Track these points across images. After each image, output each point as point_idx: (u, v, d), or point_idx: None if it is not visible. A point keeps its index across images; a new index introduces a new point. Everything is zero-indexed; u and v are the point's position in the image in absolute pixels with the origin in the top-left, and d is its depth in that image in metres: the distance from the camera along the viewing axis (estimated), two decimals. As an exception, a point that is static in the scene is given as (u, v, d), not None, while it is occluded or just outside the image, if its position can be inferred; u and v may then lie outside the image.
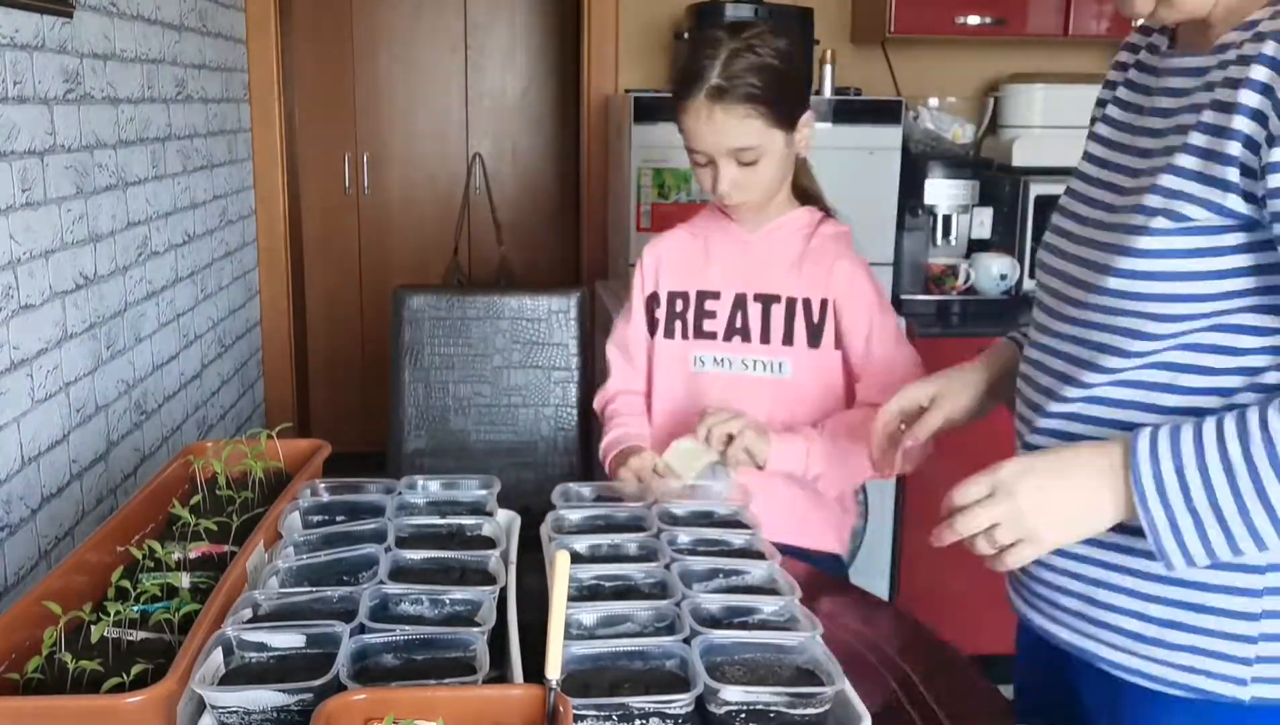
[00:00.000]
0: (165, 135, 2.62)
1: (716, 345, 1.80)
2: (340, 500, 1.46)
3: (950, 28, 3.08)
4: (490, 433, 2.44)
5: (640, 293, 1.89)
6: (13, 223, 1.85)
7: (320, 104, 4.26)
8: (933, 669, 1.28)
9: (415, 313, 2.44)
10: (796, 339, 1.76)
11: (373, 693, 0.98)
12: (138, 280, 2.44)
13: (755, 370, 1.77)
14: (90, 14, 2.19)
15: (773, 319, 1.76)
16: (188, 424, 2.79)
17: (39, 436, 1.95)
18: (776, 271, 1.77)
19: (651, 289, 1.88)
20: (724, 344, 1.79)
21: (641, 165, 2.91)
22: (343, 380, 4.39)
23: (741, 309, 1.78)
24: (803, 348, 1.76)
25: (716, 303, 1.80)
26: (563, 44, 4.33)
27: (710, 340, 1.80)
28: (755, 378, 1.77)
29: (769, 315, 1.77)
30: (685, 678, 1.05)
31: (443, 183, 4.39)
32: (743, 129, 1.63)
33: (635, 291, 1.90)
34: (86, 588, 1.20)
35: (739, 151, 1.65)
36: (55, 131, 2.01)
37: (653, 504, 1.47)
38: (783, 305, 1.76)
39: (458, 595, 1.20)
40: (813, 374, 1.76)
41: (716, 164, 1.67)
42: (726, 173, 1.67)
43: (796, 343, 1.76)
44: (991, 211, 3.11)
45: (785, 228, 1.78)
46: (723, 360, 1.79)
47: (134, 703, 0.96)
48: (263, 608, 1.17)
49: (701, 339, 1.81)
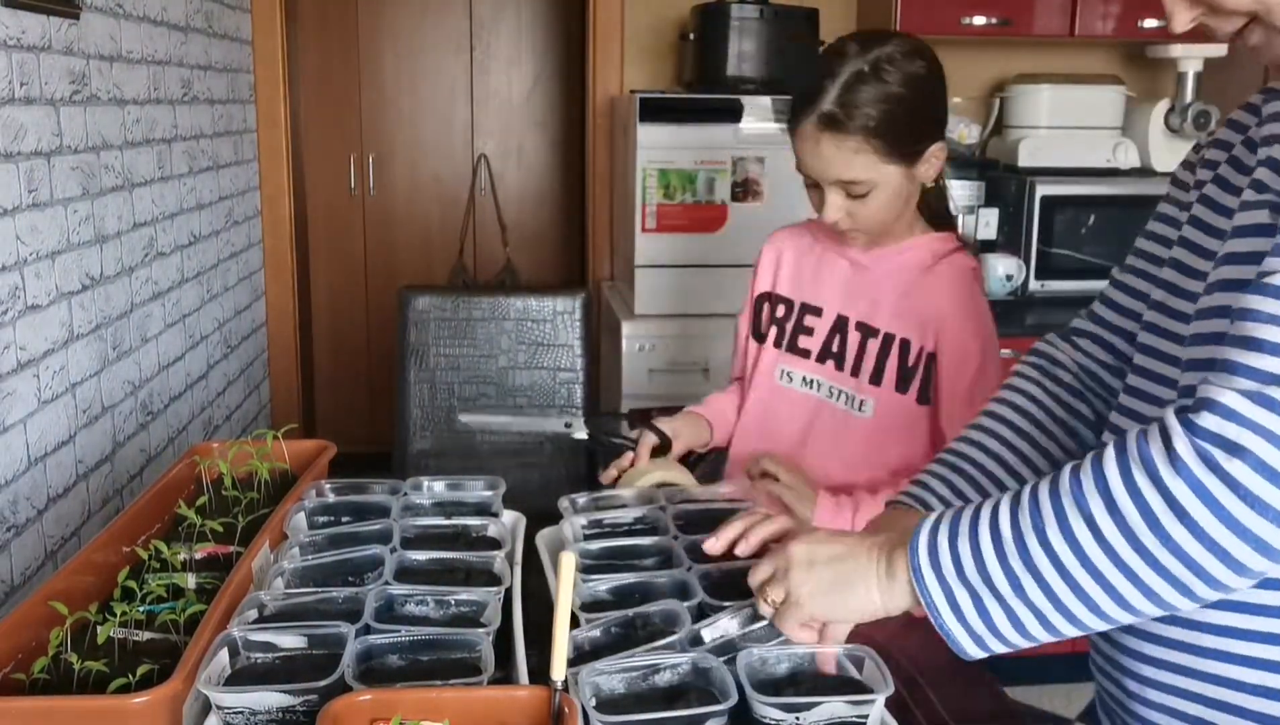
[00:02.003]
0: (171, 136, 2.62)
1: (808, 364, 1.69)
2: (345, 501, 1.46)
3: (956, 28, 3.08)
4: (495, 434, 2.44)
5: (753, 287, 1.81)
6: (19, 223, 1.85)
7: (326, 105, 4.26)
8: (939, 670, 1.28)
9: (421, 314, 2.45)
10: (885, 379, 1.62)
11: (378, 693, 0.98)
12: (144, 281, 2.44)
13: (836, 401, 1.66)
14: (96, 15, 2.19)
15: (867, 352, 1.63)
16: (194, 425, 2.79)
17: (45, 437, 1.95)
18: (883, 302, 1.63)
19: (767, 286, 1.78)
20: (815, 365, 1.69)
21: (647, 166, 2.91)
22: (348, 381, 4.39)
23: (841, 333, 1.66)
24: (890, 390, 1.62)
25: (817, 320, 1.69)
26: (568, 45, 4.34)
27: (803, 358, 1.70)
28: (832, 407, 1.66)
29: (864, 348, 1.63)
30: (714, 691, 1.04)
31: (448, 183, 4.39)
32: (853, 162, 1.50)
33: (752, 282, 1.81)
34: (92, 588, 1.20)
35: (848, 184, 1.53)
36: (62, 132, 2.02)
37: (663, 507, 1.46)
38: (879, 339, 1.62)
39: (463, 596, 1.20)
40: (897, 422, 1.61)
41: (824, 190, 1.55)
42: (833, 201, 1.55)
43: (885, 383, 1.62)
44: (997, 212, 3.11)
45: (903, 256, 1.63)
46: (811, 382, 1.69)
47: (140, 703, 0.96)
48: (268, 608, 1.17)
49: (794, 354, 1.71)
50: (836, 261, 1.70)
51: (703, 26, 3.05)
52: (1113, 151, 3.17)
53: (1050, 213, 3.04)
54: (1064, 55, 3.48)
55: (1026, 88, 3.29)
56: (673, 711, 1.01)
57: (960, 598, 0.90)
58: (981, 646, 0.91)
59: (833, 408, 1.67)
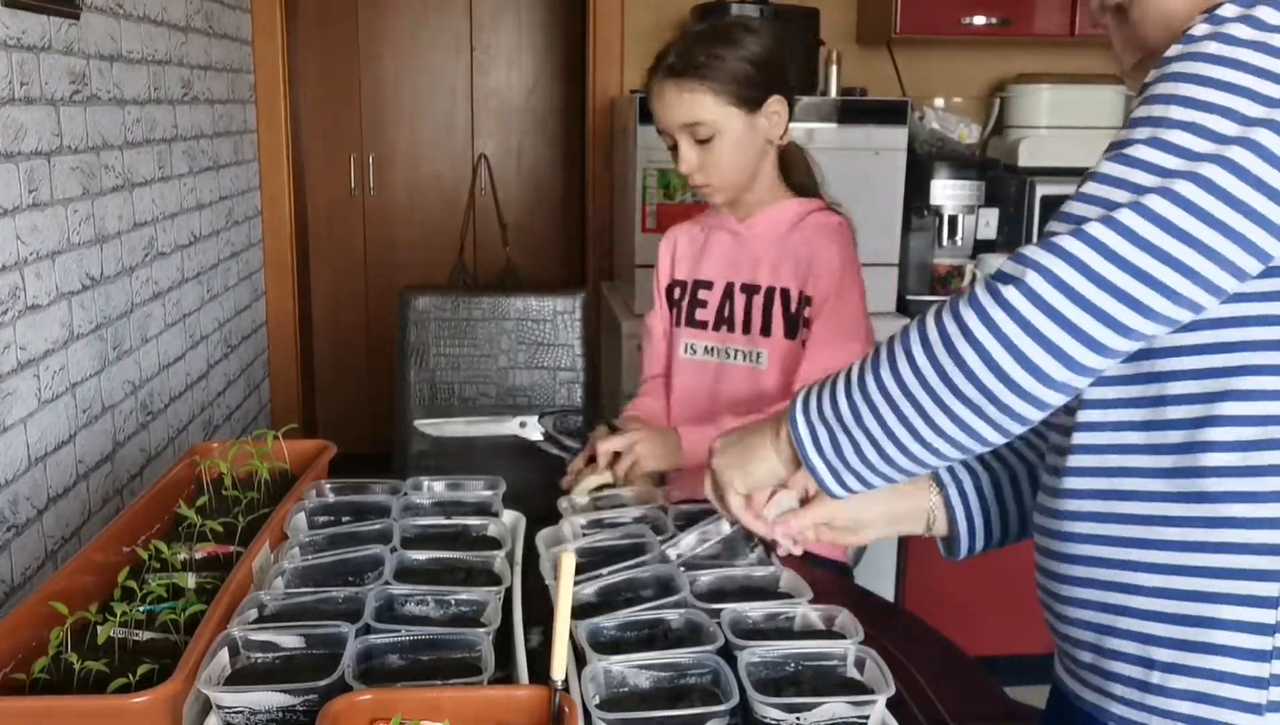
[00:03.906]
0: (171, 136, 2.62)
1: (706, 334, 1.84)
2: (346, 501, 1.46)
3: (956, 28, 3.08)
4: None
5: (659, 281, 1.95)
6: (19, 223, 1.85)
7: (326, 105, 4.26)
8: (938, 670, 1.28)
9: (421, 313, 2.44)
10: (774, 329, 1.77)
11: (378, 693, 0.98)
12: (144, 281, 2.44)
13: (735, 360, 1.81)
14: (97, 15, 2.19)
15: (754, 309, 1.79)
16: (194, 424, 2.79)
17: (46, 437, 1.95)
18: (761, 261, 1.79)
19: (668, 278, 1.93)
20: (712, 333, 1.83)
21: (647, 166, 2.91)
22: (348, 381, 4.39)
23: (730, 298, 1.82)
24: (779, 338, 1.77)
25: (709, 292, 1.84)
26: (568, 45, 4.34)
27: (701, 329, 1.85)
28: (734, 367, 1.81)
29: (750, 305, 1.79)
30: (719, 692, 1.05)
31: (448, 184, 4.39)
32: (693, 104, 1.67)
33: (658, 285, 1.95)
34: (93, 588, 1.20)
35: (692, 127, 1.68)
36: (62, 132, 2.02)
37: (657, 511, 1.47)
38: (762, 295, 1.78)
39: (463, 596, 1.20)
40: (789, 366, 1.77)
41: (678, 144, 1.71)
42: (684, 151, 1.70)
43: (774, 333, 1.77)
44: (997, 212, 3.11)
45: (771, 217, 1.80)
46: (712, 349, 1.84)
47: (140, 703, 0.96)
48: (268, 608, 1.17)
49: (693, 327, 1.86)
50: (719, 236, 1.86)
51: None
52: (1113, 151, 3.17)
53: (1050, 212, 3.02)
54: (1064, 55, 3.48)
55: (1026, 88, 3.29)
56: (674, 711, 1.01)
57: (820, 434, 1.03)
58: (839, 482, 1.03)
59: (732, 367, 1.81)
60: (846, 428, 1.00)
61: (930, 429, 0.95)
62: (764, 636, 1.15)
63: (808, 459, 1.04)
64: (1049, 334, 0.87)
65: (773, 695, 1.03)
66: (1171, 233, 0.84)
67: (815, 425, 1.03)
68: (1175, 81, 0.88)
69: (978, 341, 0.90)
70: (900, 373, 0.95)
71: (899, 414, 0.96)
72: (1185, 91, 0.87)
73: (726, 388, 1.80)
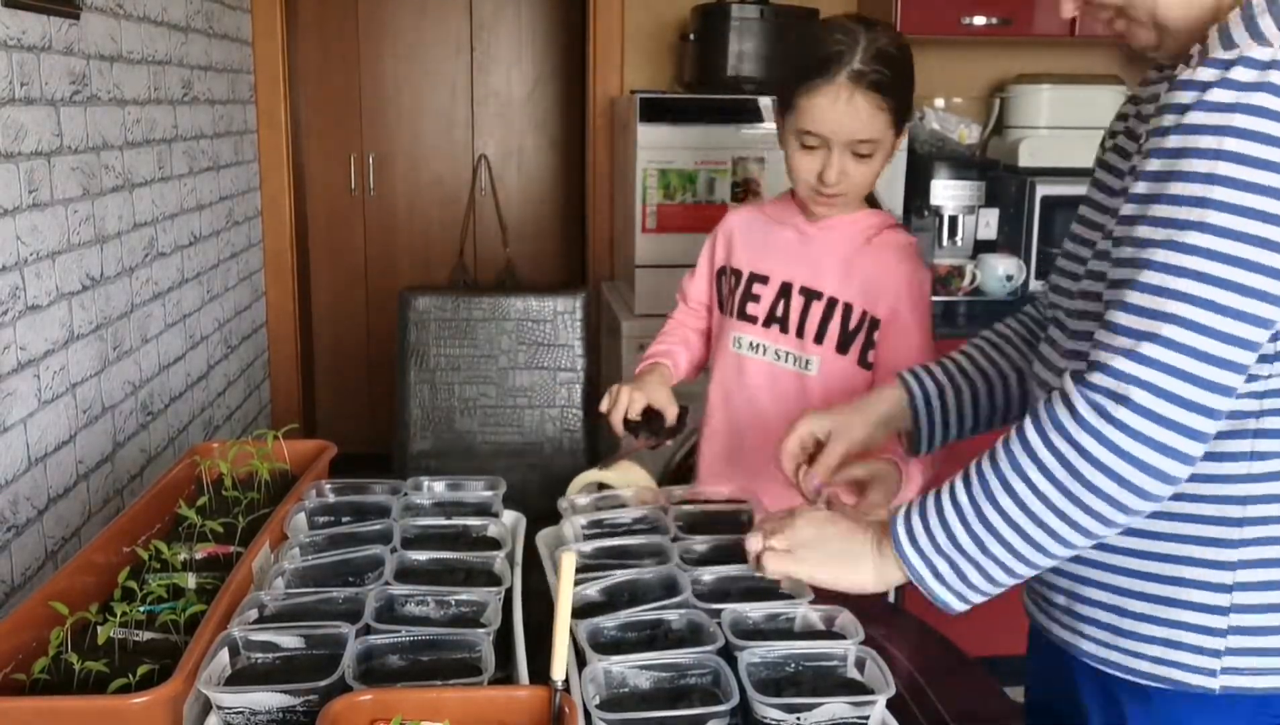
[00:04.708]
0: (172, 136, 2.62)
1: (756, 330, 1.78)
2: (346, 501, 1.46)
3: (956, 28, 3.08)
4: (496, 434, 2.44)
5: (708, 260, 1.89)
6: (20, 224, 1.85)
7: (326, 105, 4.26)
8: (938, 670, 1.28)
9: (421, 314, 2.44)
10: (827, 339, 1.72)
11: (378, 694, 0.98)
12: (144, 281, 2.44)
13: (785, 362, 1.75)
14: (97, 15, 2.19)
15: (810, 314, 1.73)
16: (194, 425, 2.79)
17: (46, 437, 1.95)
18: (827, 268, 1.73)
19: (721, 262, 1.86)
20: (761, 330, 1.77)
21: (647, 166, 2.91)
22: (348, 381, 4.39)
23: (785, 298, 1.75)
24: (831, 350, 1.72)
25: (764, 287, 1.78)
26: (568, 45, 4.34)
27: (751, 323, 1.78)
28: (784, 370, 1.75)
29: (808, 310, 1.73)
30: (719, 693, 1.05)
31: (448, 184, 4.39)
32: (873, 119, 1.60)
33: (703, 259, 1.89)
34: (93, 588, 1.20)
35: (860, 142, 1.61)
36: (62, 133, 2.02)
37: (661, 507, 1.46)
38: (823, 303, 1.72)
39: (463, 596, 1.20)
40: (836, 380, 1.71)
41: (831, 151, 1.62)
42: (839, 162, 1.62)
43: (826, 343, 1.72)
44: (997, 212, 3.11)
45: (847, 226, 1.73)
46: (758, 346, 1.78)
47: (140, 703, 0.96)
48: (268, 608, 1.17)
49: (743, 321, 1.79)
50: (782, 232, 1.78)
51: (703, 26, 3.05)
52: (1113, 151, 3.17)
53: (1050, 213, 3.03)
54: (1064, 55, 3.48)
55: (1026, 88, 3.29)
56: (674, 711, 1.01)
57: (940, 566, 1.07)
58: (963, 601, 1.09)
59: (785, 370, 1.75)
60: (969, 556, 1.06)
61: (1057, 542, 1.03)
62: (764, 637, 1.15)
63: (931, 592, 1.08)
64: (1165, 440, 0.97)
65: (773, 695, 1.03)
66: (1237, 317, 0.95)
67: (933, 559, 1.07)
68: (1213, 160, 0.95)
69: (1101, 463, 0.98)
70: (1022, 499, 1.02)
71: (1025, 537, 1.03)
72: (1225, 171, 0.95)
73: (780, 391, 1.74)
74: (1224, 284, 0.95)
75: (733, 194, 2.93)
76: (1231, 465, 1.05)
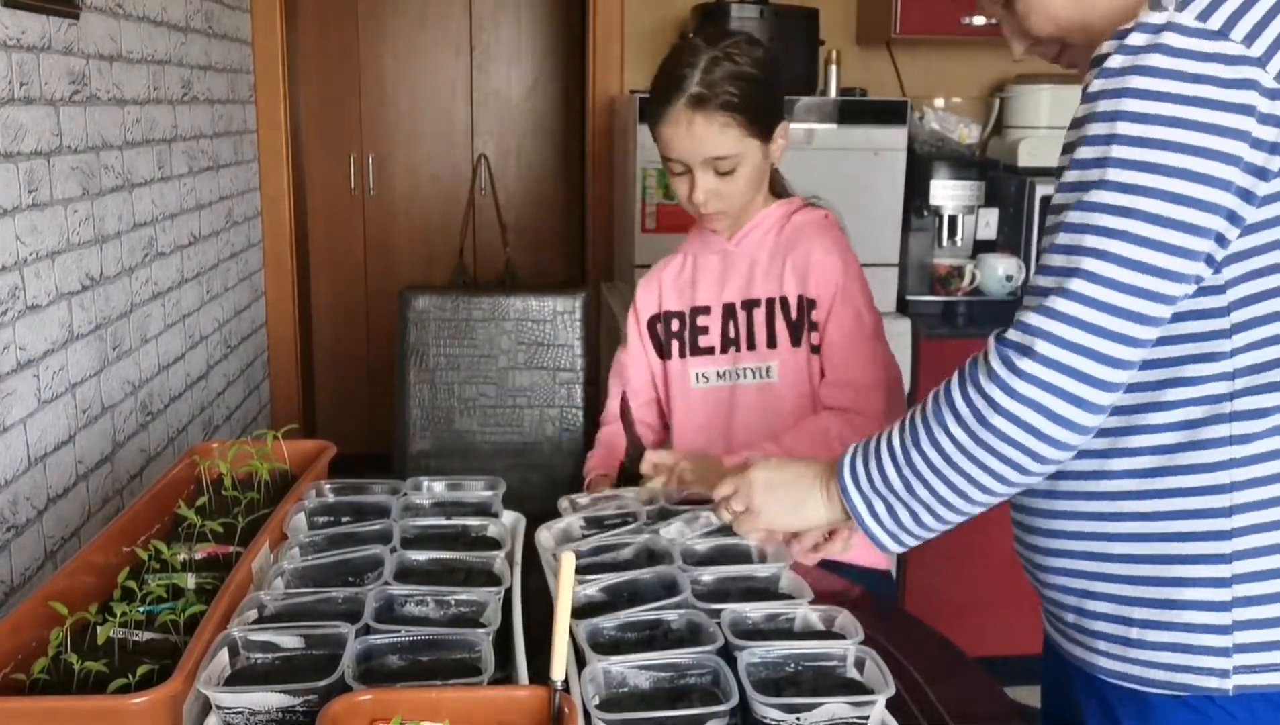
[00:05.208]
0: (171, 136, 2.62)
1: (714, 359, 1.78)
2: (345, 501, 1.46)
3: (956, 28, 3.08)
4: (495, 434, 2.44)
5: (636, 320, 1.88)
6: (19, 224, 1.85)
7: (325, 105, 4.26)
8: (937, 671, 1.28)
9: (420, 314, 2.44)
10: (779, 340, 1.73)
11: (378, 694, 0.98)
12: (144, 281, 2.44)
13: (747, 379, 1.75)
14: (96, 15, 2.19)
15: (756, 323, 1.74)
16: (193, 425, 2.79)
17: (45, 437, 1.95)
18: (755, 273, 1.75)
19: (653, 311, 1.86)
20: (720, 357, 1.78)
21: (646, 166, 2.91)
22: (348, 381, 4.39)
23: (732, 319, 1.77)
24: (786, 348, 1.73)
25: (708, 317, 1.79)
26: (568, 45, 4.34)
27: (708, 356, 1.79)
28: (745, 387, 1.75)
29: (753, 321, 1.75)
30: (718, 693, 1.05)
31: (448, 184, 4.39)
32: (721, 138, 1.62)
33: (630, 320, 1.89)
34: (92, 588, 1.20)
35: (716, 161, 1.64)
36: (61, 133, 2.02)
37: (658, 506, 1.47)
38: (763, 308, 1.74)
39: (463, 596, 1.20)
40: (796, 374, 1.73)
41: (693, 173, 1.66)
42: (703, 182, 1.66)
43: (780, 344, 1.73)
44: (997, 212, 3.11)
45: (759, 227, 1.76)
46: (724, 373, 1.77)
47: (139, 703, 0.96)
48: (268, 608, 1.17)
49: (699, 356, 1.80)
50: (707, 260, 1.81)
51: (703, 27, 3.05)
52: (1113, 151, 3.17)
53: (1050, 213, 3.03)
54: (1064, 55, 3.48)
55: (1026, 88, 3.29)
56: (674, 711, 1.01)
57: (876, 505, 1.15)
58: (896, 541, 1.16)
59: (744, 387, 1.76)
60: (900, 498, 1.13)
61: (977, 489, 1.08)
62: (764, 637, 1.15)
63: (867, 528, 1.16)
64: (1070, 388, 1.00)
65: (773, 695, 1.03)
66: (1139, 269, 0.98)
67: (869, 497, 1.15)
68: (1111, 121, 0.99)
69: (1008, 412, 1.02)
70: (942, 447, 1.07)
71: (947, 483, 1.09)
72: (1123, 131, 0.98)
73: (740, 411, 1.75)
74: (1126, 236, 0.97)
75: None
76: (1213, 452, 1.04)
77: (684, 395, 1.82)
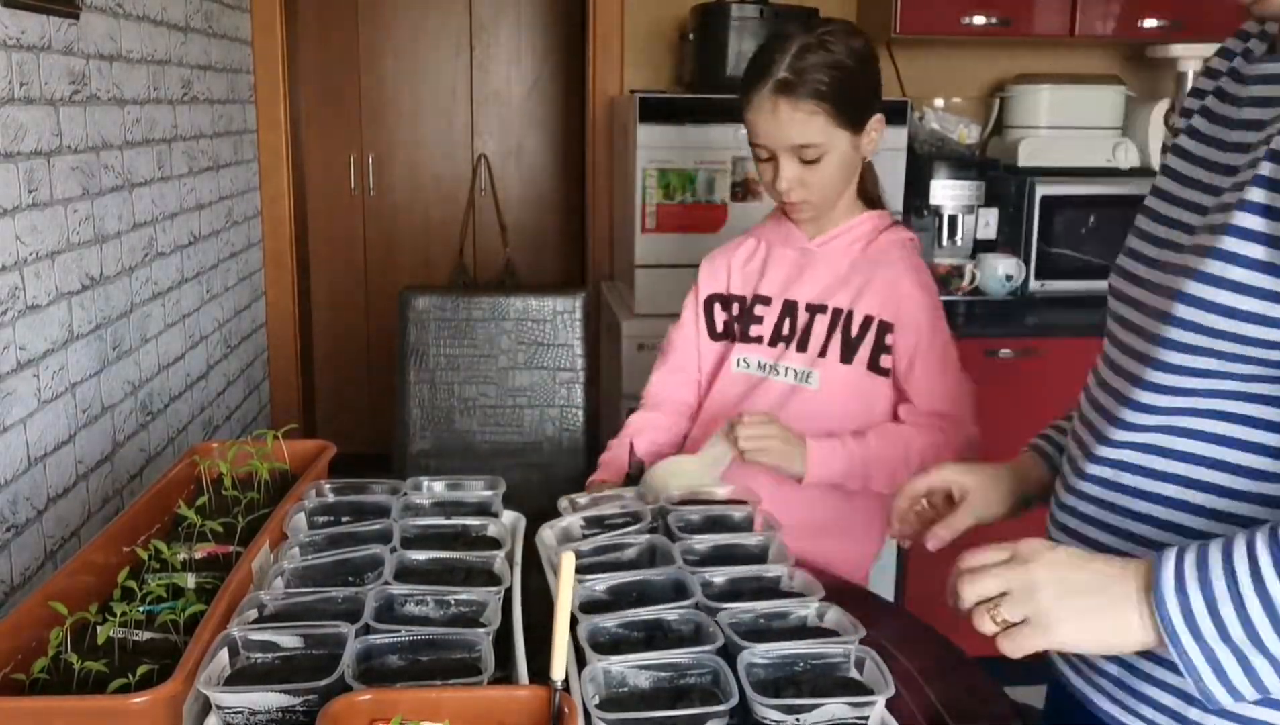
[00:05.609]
0: (171, 136, 2.62)
1: (760, 349, 1.78)
2: (345, 501, 1.46)
3: (956, 28, 3.08)
4: (495, 433, 2.44)
5: (696, 297, 1.87)
6: (19, 224, 1.85)
7: (326, 105, 4.26)
8: (937, 670, 1.28)
9: (420, 314, 2.44)
10: (830, 352, 1.72)
11: (378, 693, 0.98)
12: (144, 281, 2.44)
13: (784, 377, 1.75)
14: (96, 15, 2.19)
15: (814, 329, 1.73)
16: (193, 425, 2.79)
17: (45, 437, 1.95)
18: (831, 281, 1.74)
19: (714, 290, 1.85)
20: (768, 348, 1.77)
21: (647, 166, 2.91)
22: (348, 381, 4.39)
23: (790, 316, 1.76)
24: (835, 362, 1.72)
25: (766, 308, 1.78)
26: (568, 45, 4.34)
27: (756, 344, 1.79)
28: (779, 383, 1.75)
29: (812, 325, 1.74)
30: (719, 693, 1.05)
31: (448, 184, 4.39)
32: (807, 125, 1.61)
33: (690, 298, 1.88)
34: (92, 588, 1.20)
35: (801, 148, 1.62)
36: (61, 132, 2.02)
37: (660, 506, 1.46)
38: (828, 316, 1.73)
39: (463, 596, 1.20)
40: (843, 390, 1.72)
41: (778, 160, 1.65)
42: (787, 169, 1.64)
43: (829, 356, 1.72)
44: (997, 212, 3.11)
45: (845, 236, 1.74)
46: (764, 365, 1.77)
47: (140, 703, 0.96)
48: (268, 608, 1.17)
49: (748, 343, 1.80)
50: (784, 253, 1.79)
51: (702, 26, 3.05)
52: (1112, 151, 3.17)
53: (1050, 213, 3.04)
54: (1064, 55, 3.48)
55: (1026, 88, 3.29)
56: (674, 711, 1.01)
57: (1224, 662, 0.86)
58: (1237, 699, 0.88)
59: (778, 384, 1.75)
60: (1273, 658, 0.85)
61: None
62: (764, 637, 1.15)
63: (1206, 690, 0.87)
64: None
65: (772, 695, 1.03)
66: None
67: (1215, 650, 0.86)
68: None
69: None
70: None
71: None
72: None
73: (756, 399, 1.74)
74: None
75: (732, 194, 2.93)
76: None
77: (722, 376, 1.82)
